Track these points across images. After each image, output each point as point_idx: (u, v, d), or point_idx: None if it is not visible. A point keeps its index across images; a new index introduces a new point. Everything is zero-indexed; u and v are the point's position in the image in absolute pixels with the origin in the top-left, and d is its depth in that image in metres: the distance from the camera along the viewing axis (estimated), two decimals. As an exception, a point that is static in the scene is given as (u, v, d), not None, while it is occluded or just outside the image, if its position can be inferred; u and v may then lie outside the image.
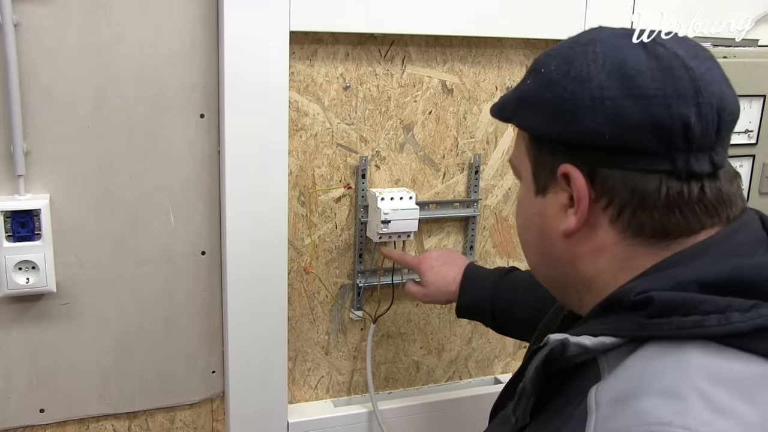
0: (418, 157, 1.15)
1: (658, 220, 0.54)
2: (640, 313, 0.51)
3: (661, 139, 0.52)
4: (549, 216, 0.60)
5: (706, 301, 0.50)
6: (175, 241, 1.05)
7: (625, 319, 0.52)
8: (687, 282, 0.52)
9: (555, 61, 0.57)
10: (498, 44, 1.15)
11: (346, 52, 1.07)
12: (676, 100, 0.52)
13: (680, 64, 0.53)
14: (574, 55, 0.56)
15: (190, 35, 0.99)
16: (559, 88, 0.55)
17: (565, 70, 0.56)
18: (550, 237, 0.60)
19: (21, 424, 1.04)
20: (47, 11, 0.92)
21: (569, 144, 0.55)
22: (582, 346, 0.52)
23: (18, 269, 0.96)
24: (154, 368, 1.09)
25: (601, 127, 0.53)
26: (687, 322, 0.49)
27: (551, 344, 0.53)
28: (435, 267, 1.04)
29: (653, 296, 0.51)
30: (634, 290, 0.53)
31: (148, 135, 1.00)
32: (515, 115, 0.60)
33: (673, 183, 0.53)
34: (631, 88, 0.52)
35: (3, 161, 0.94)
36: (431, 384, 1.28)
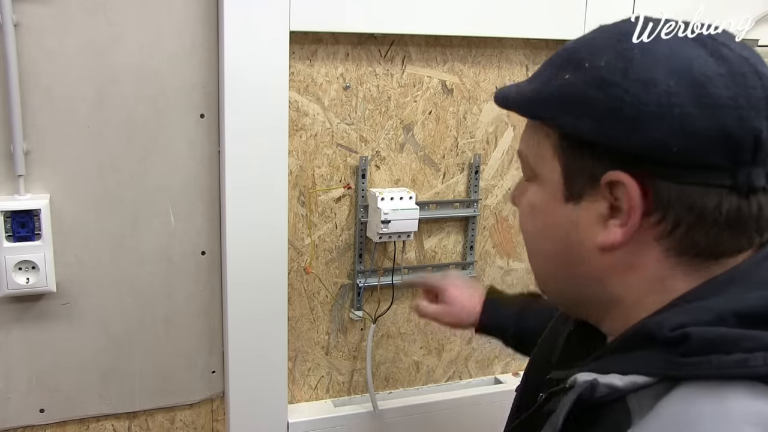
0: (418, 157, 1.15)
1: (712, 238, 0.49)
2: (675, 350, 0.47)
3: (729, 152, 0.47)
4: (582, 226, 0.53)
5: (749, 338, 0.45)
6: (175, 241, 1.05)
7: (659, 356, 0.48)
8: (724, 314, 0.47)
9: (604, 56, 0.51)
10: (498, 44, 1.15)
11: (346, 52, 1.07)
12: (749, 111, 0.47)
13: (751, 70, 0.48)
14: (628, 53, 0.50)
15: (190, 35, 0.99)
16: (617, 90, 0.49)
17: (622, 69, 0.49)
18: (581, 249, 0.54)
19: (21, 424, 1.04)
20: (47, 11, 0.92)
21: (624, 151, 0.49)
22: (612, 387, 0.48)
23: (18, 269, 0.96)
24: (154, 368, 1.09)
25: (668, 137, 0.47)
26: (728, 361, 0.45)
27: (579, 387, 0.48)
28: (459, 285, 1.01)
29: (690, 333, 0.46)
30: (667, 324, 0.48)
31: (148, 135, 1.00)
32: (551, 113, 0.53)
33: (733, 199, 0.48)
34: (702, 96, 0.47)
35: (3, 161, 0.94)
36: (431, 384, 1.28)
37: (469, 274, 1.23)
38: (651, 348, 0.48)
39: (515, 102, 0.56)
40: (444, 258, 1.22)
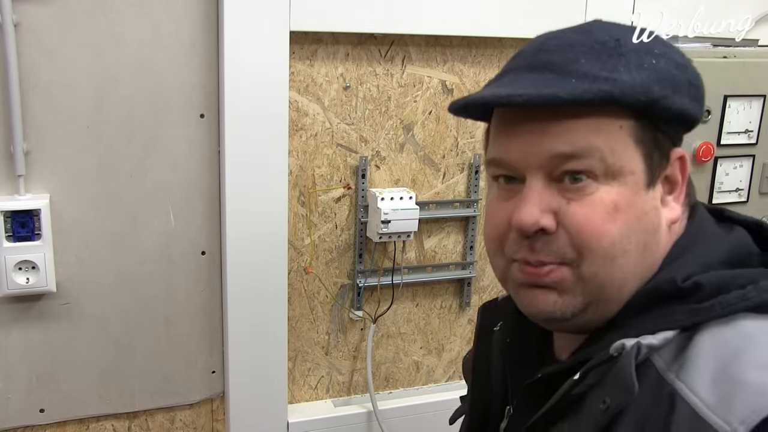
0: (418, 157, 1.15)
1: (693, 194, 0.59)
2: (689, 299, 0.51)
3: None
4: (659, 208, 0.55)
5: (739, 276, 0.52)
6: (175, 241, 1.05)
7: (677, 309, 0.51)
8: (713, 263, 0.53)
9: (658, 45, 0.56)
10: (498, 44, 1.15)
11: (346, 52, 1.07)
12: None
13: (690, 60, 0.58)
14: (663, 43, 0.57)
15: (190, 35, 0.99)
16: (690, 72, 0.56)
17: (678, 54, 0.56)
18: (660, 229, 0.55)
19: (21, 424, 1.04)
20: (47, 11, 0.92)
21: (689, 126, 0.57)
22: (651, 347, 0.50)
23: (18, 269, 0.96)
24: (154, 368, 1.09)
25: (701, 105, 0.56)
26: (733, 298, 0.50)
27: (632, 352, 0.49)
28: None
29: (701, 281, 0.51)
30: (679, 278, 0.52)
31: (148, 135, 1.00)
32: (666, 96, 0.53)
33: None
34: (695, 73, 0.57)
35: (3, 161, 0.94)
36: (431, 384, 1.28)
37: (469, 274, 1.23)
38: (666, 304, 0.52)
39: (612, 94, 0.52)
40: (444, 258, 1.22)
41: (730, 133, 1.15)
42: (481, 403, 0.69)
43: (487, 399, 0.68)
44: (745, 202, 1.20)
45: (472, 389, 0.72)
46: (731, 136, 1.15)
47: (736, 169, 1.18)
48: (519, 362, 0.64)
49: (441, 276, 1.21)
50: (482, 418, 0.69)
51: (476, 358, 0.71)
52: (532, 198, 0.54)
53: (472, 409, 0.71)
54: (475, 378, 0.72)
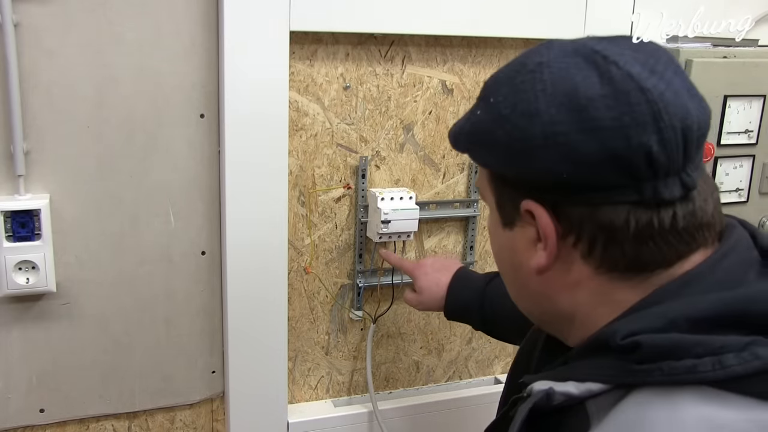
0: (418, 157, 1.15)
1: (630, 253, 0.51)
2: (629, 357, 0.48)
3: (622, 171, 0.48)
4: (519, 250, 0.56)
5: (699, 343, 0.47)
6: (175, 241, 1.05)
7: (613, 364, 0.49)
8: (677, 319, 0.48)
9: (503, 89, 0.53)
10: (498, 44, 1.15)
11: (346, 52, 1.07)
12: (635, 129, 0.47)
13: (635, 86, 0.48)
14: (521, 85, 0.51)
15: (190, 35, 0.99)
16: (509, 125, 0.51)
17: (512, 104, 0.51)
18: (523, 271, 0.57)
19: (21, 424, 1.04)
20: (47, 11, 0.92)
21: (527, 182, 0.52)
22: (568, 395, 0.50)
23: (18, 269, 0.96)
24: (154, 368, 1.09)
25: (557, 165, 0.49)
26: (679, 367, 0.46)
27: (535, 396, 0.50)
28: (429, 273, 1.03)
29: (641, 341, 0.47)
30: (620, 332, 0.49)
31: (148, 135, 1.00)
32: (469, 150, 0.57)
33: (641, 214, 0.49)
34: (584, 120, 0.48)
35: (3, 161, 0.94)
36: (431, 384, 1.28)
37: (469, 274, 1.23)
38: (606, 356, 0.50)
39: (450, 137, 0.60)
40: (444, 258, 1.22)
41: (730, 133, 1.15)
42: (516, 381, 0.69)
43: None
44: (745, 202, 1.20)
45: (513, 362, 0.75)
46: (731, 136, 1.15)
47: (736, 169, 1.18)
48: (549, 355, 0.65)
49: (441, 276, 1.21)
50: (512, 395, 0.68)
51: (529, 336, 0.72)
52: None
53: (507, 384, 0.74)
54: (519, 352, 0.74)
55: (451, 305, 1.00)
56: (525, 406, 0.50)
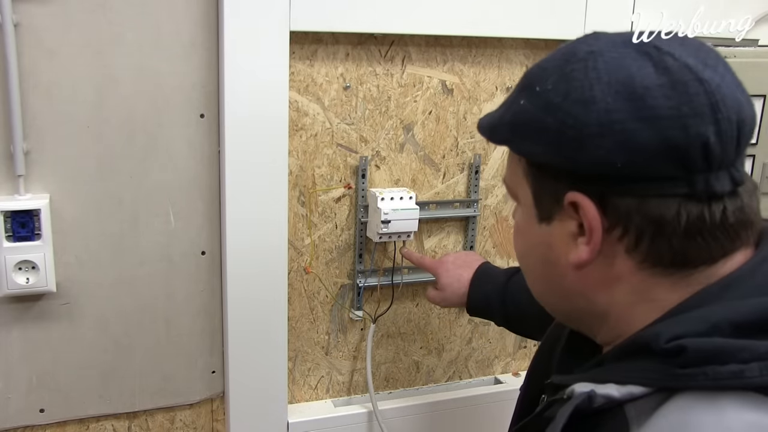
0: (418, 157, 1.15)
1: (678, 248, 0.50)
2: (672, 361, 0.47)
3: (677, 162, 0.48)
4: (556, 245, 0.55)
5: (745, 348, 0.46)
6: (175, 241, 1.05)
7: (655, 367, 0.48)
8: (720, 323, 0.47)
9: (551, 78, 0.52)
10: (498, 44, 1.15)
11: (346, 52, 1.07)
12: (693, 119, 0.47)
13: (693, 77, 0.48)
14: (573, 73, 0.50)
15: (190, 35, 0.99)
16: (561, 113, 0.50)
17: (564, 92, 0.50)
18: (559, 267, 0.55)
19: (21, 424, 1.04)
20: (47, 11, 0.92)
21: (576, 172, 0.51)
22: (609, 398, 0.49)
23: (18, 269, 0.96)
24: (154, 368, 1.09)
25: (611, 154, 0.48)
26: (724, 372, 0.45)
27: (577, 398, 0.49)
28: (450, 270, 1.03)
29: (686, 345, 0.46)
30: (664, 336, 0.48)
31: (148, 135, 1.00)
32: (510, 140, 0.55)
33: (692, 207, 0.48)
34: (641, 108, 0.47)
35: (3, 161, 0.94)
36: (431, 384, 1.28)
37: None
38: (648, 359, 0.49)
39: (483, 129, 0.59)
40: (444, 258, 1.22)
41: (730, 133, 1.15)
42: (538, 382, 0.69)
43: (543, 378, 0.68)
44: (745, 202, 1.20)
45: (532, 364, 0.74)
46: (731, 136, 1.15)
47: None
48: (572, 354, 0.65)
49: (441, 276, 1.21)
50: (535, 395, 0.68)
51: (548, 334, 0.72)
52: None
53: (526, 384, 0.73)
54: (539, 352, 0.73)
55: (473, 302, 1.00)
56: (567, 409, 0.49)
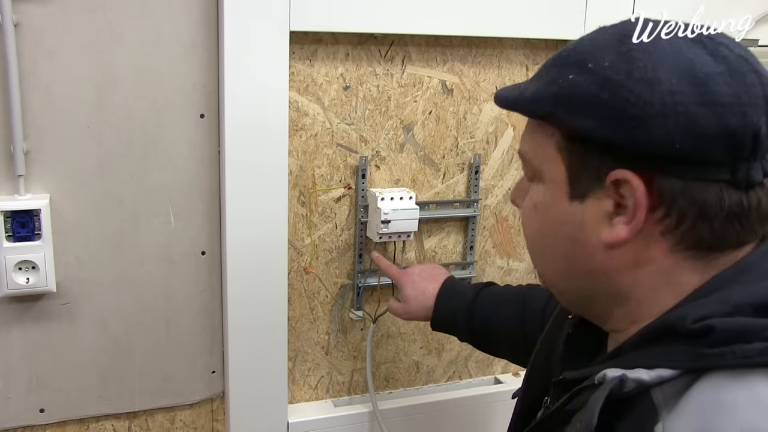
0: (418, 157, 1.15)
1: (717, 231, 0.51)
2: (699, 341, 0.48)
3: (730, 148, 0.49)
4: (587, 224, 0.54)
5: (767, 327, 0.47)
6: (175, 241, 1.05)
7: (682, 349, 0.49)
8: (741, 305, 0.49)
9: (606, 56, 0.52)
10: (498, 44, 1.15)
11: (346, 52, 1.07)
12: (750, 108, 0.49)
13: (750, 68, 0.50)
14: (633, 53, 0.51)
15: (190, 35, 0.99)
16: (622, 90, 0.50)
17: (626, 70, 0.50)
18: (587, 247, 0.55)
19: (21, 424, 1.04)
20: (47, 11, 0.92)
21: (628, 150, 0.50)
22: (640, 382, 0.49)
23: (18, 269, 0.96)
24: (154, 368, 1.09)
25: (672, 135, 0.48)
26: (751, 350, 0.46)
27: (610, 383, 0.49)
28: (416, 282, 1.02)
29: (714, 325, 0.48)
30: (690, 317, 0.49)
31: (148, 135, 1.00)
32: (553, 113, 0.54)
33: (732, 193, 0.50)
34: (704, 93, 0.48)
35: (3, 161, 0.94)
36: (431, 384, 1.28)
37: (469, 274, 1.23)
38: (674, 341, 0.50)
39: (517, 102, 0.57)
40: (444, 258, 1.22)
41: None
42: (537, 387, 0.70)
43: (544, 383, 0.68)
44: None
45: (529, 370, 0.73)
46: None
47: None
48: (573, 356, 0.65)
49: (441, 276, 1.21)
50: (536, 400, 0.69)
51: (544, 338, 0.72)
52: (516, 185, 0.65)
53: (525, 390, 0.73)
54: (535, 358, 0.72)
55: (438, 315, 0.99)
56: (601, 393, 0.49)
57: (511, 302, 0.94)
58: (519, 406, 0.73)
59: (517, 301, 0.94)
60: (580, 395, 0.53)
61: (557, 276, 0.60)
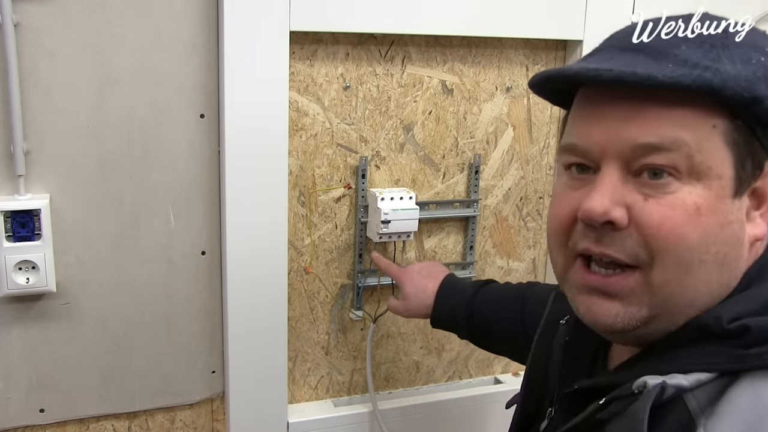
0: (418, 157, 1.15)
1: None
2: (735, 342, 0.47)
3: None
4: (744, 221, 0.50)
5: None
6: (175, 241, 1.05)
7: (718, 351, 0.47)
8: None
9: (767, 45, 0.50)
10: (498, 44, 1.15)
11: (346, 52, 1.07)
12: None
13: None
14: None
15: (190, 35, 0.99)
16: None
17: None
18: (742, 248, 0.51)
19: (21, 424, 1.04)
20: (47, 11, 0.92)
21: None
22: (679, 388, 0.47)
23: (18, 269, 0.96)
24: (154, 368, 1.09)
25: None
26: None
27: (653, 391, 0.47)
28: (416, 280, 1.02)
29: (750, 324, 0.46)
30: (726, 317, 0.48)
31: (148, 135, 1.00)
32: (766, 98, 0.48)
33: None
34: None
35: (3, 161, 0.94)
36: (431, 384, 1.28)
37: (469, 274, 1.23)
38: (708, 343, 0.48)
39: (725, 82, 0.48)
40: (444, 258, 1.22)
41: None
42: (536, 395, 0.68)
43: (542, 391, 0.66)
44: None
45: (527, 378, 0.71)
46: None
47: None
48: (572, 363, 0.63)
49: (441, 276, 1.21)
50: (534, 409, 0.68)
51: (537, 345, 0.70)
52: (604, 187, 0.50)
53: (524, 399, 0.71)
54: (531, 366, 0.70)
55: (438, 313, 0.98)
56: (646, 402, 0.46)
57: (511, 301, 0.94)
58: (518, 416, 0.71)
59: (516, 300, 0.94)
60: (612, 404, 0.50)
61: (704, 288, 0.51)
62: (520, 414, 0.71)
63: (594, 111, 0.52)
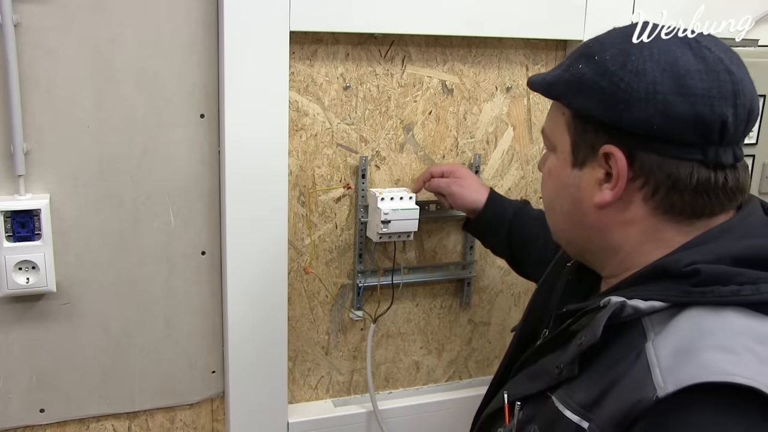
0: (418, 157, 1.15)
1: (687, 201, 0.62)
2: (687, 281, 0.59)
3: (699, 132, 0.59)
4: (583, 188, 0.66)
5: (741, 274, 0.59)
6: (175, 241, 1.05)
7: (673, 286, 0.60)
8: (722, 256, 0.60)
9: (610, 51, 0.62)
10: (498, 44, 1.15)
11: (346, 52, 1.07)
12: (719, 101, 0.59)
13: (724, 68, 0.60)
14: (631, 49, 0.61)
15: (190, 35, 0.99)
16: (615, 78, 0.61)
17: (621, 62, 0.61)
18: (582, 207, 0.67)
19: (21, 424, 1.04)
20: (47, 11, 0.92)
21: (617, 128, 0.62)
22: (636, 309, 0.60)
23: (18, 269, 0.96)
24: (154, 368, 1.09)
25: (651, 117, 0.59)
26: (726, 291, 0.58)
27: (613, 305, 0.60)
28: (473, 176, 1.10)
29: (701, 268, 0.59)
30: (683, 261, 0.60)
31: (148, 135, 1.00)
32: (566, 95, 0.65)
33: (702, 171, 0.61)
34: (681, 86, 0.59)
35: (3, 161, 0.94)
36: (431, 384, 1.28)
37: (469, 274, 1.23)
38: (666, 280, 0.61)
39: (540, 85, 0.69)
40: (444, 258, 1.22)
41: (730, 133, 1.15)
42: (534, 321, 0.81)
43: (541, 317, 0.80)
44: (745, 202, 1.20)
45: (529, 307, 0.84)
46: (731, 136, 1.15)
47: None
48: (570, 296, 0.76)
49: (441, 276, 1.22)
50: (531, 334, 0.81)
51: (545, 280, 0.83)
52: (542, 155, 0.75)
53: (523, 324, 0.83)
54: (536, 295, 0.83)
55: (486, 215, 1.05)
56: (605, 313, 0.60)
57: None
58: (516, 339, 0.83)
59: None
60: (584, 318, 0.64)
61: (563, 230, 0.72)
62: (518, 337, 0.83)
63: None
